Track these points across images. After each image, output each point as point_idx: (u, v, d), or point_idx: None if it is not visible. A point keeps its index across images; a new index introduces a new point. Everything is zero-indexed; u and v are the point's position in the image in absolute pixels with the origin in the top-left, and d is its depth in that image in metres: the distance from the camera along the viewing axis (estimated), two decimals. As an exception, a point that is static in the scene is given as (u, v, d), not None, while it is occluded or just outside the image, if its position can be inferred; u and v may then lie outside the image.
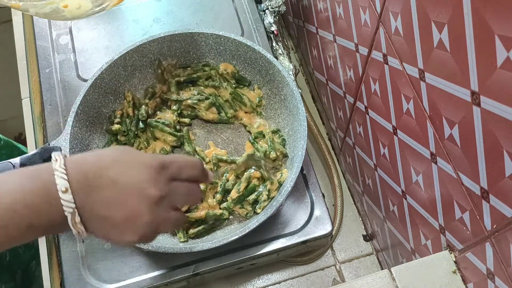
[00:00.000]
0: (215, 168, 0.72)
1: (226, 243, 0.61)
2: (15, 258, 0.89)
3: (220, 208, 0.68)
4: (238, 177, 0.70)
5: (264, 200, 0.66)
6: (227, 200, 0.69)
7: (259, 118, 0.77)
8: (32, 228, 0.42)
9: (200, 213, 0.67)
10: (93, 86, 0.73)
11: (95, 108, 0.74)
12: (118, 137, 0.74)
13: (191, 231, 0.67)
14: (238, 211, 0.68)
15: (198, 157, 0.71)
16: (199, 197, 0.54)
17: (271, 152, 0.70)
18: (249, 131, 0.77)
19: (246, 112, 0.77)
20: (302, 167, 0.70)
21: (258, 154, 0.71)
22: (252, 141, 0.74)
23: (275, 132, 0.74)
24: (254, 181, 0.68)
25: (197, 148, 0.74)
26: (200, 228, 0.67)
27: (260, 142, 0.73)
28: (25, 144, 0.83)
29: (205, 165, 0.53)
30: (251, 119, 0.77)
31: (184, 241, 0.66)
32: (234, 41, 0.76)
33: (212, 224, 0.68)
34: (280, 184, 0.68)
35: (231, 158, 0.72)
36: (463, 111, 0.42)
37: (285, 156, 0.72)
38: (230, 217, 0.69)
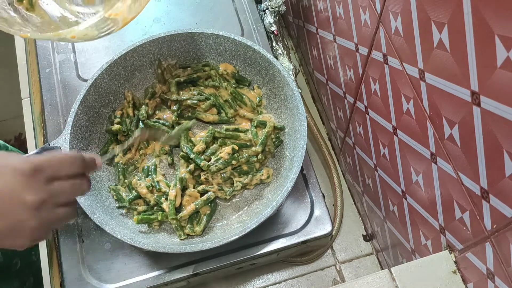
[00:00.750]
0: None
1: (226, 243, 0.61)
2: (27, 265, 0.89)
3: (198, 192, 0.69)
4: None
5: (238, 190, 0.70)
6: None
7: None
8: None
9: (189, 207, 0.67)
10: (93, 86, 0.73)
11: (95, 108, 0.74)
12: (118, 137, 0.74)
13: (197, 228, 0.67)
14: (214, 183, 0.70)
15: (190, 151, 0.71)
16: (85, 188, 0.52)
17: (258, 146, 0.71)
18: (251, 119, 0.76)
19: (246, 112, 0.77)
20: (302, 167, 0.70)
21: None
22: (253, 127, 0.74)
23: (278, 128, 0.74)
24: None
25: (192, 139, 0.74)
26: (204, 221, 0.67)
27: (260, 132, 0.74)
28: (25, 144, 0.83)
29: (86, 155, 0.53)
30: (251, 118, 0.77)
31: (184, 239, 0.66)
32: (234, 41, 0.76)
33: (211, 212, 0.69)
34: (261, 182, 0.71)
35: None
36: (463, 111, 0.42)
37: (271, 154, 0.74)
38: (218, 194, 0.70)
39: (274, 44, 0.85)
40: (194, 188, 0.70)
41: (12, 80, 1.06)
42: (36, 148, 0.75)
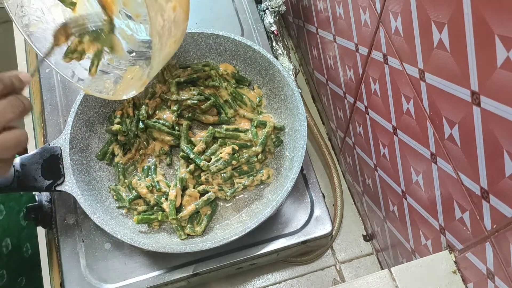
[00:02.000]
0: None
1: (226, 243, 0.61)
2: (32, 283, 0.88)
3: (198, 192, 0.69)
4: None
5: (238, 189, 0.70)
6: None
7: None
8: None
9: (189, 208, 0.67)
10: (93, 86, 0.73)
11: (95, 108, 0.74)
12: (118, 137, 0.74)
13: (198, 228, 0.67)
14: (214, 183, 0.70)
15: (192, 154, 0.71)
16: (19, 105, 0.49)
17: (258, 147, 0.71)
18: (251, 119, 0.76)
19: (246, 112, 0.77)
20: (302, 167, 0.70)
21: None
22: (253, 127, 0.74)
23: (278, 128, 0.74)
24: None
25: (192, 139, 0.74)
26: (205, 222, 0.67)
27: (260, 132, 0.73)
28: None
29: (18, 74, 0.50)
30: (251, 118, 0.77)
31: (184, 239, 0.66)
32: (234, 41, 0.76)
33: (211, 212, 0.69)
34: (262, 182, 0.71)
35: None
36: (463, 111, 0.42)
37: (271, 154, 0.73)
38: (218, 195, 0.70)
39: (274, 44, 0.85)
40: (194, 188, 0.70)
41: (12, 80, 1.05)
42: (36, 148, 0.75)
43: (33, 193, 0.75)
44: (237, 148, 0.71)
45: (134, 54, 0.69)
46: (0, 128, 0.46)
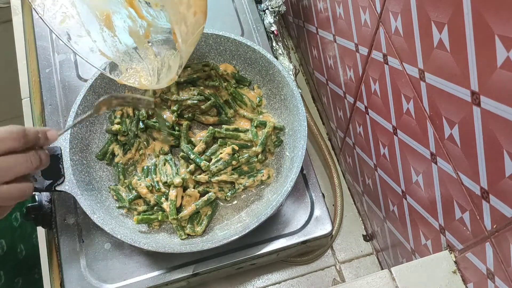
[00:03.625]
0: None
1: (226, 243, 0.61)
2: (29, 284, 0.88)
3: (199, 192, 0.69)
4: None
5: (238, 190, 0.70)
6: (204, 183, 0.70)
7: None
8: None
9: (189, 208, 0.67)
10: (93, 86, 0.73)
11: (95, 108, 0.74)
12: (118, 137, 0.74)
13: (198, 229, 0.67)
14: (215, 185, 0.70)
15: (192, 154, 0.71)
16: (36, 162, 0.50)
17: (258, 147, 0.70)
18: (251, 119, 0.76)
19: (246, 112, 0.77)
20: (302, 167, 0.70)
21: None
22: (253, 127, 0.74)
23: (277, 128, 0.74)
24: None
25: (192, 139, 0.74)
26: (205, 222, 0.67)
27: (260, 132, 0.73)
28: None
29: (32, 129, 0.50)
30: (251, 118, 0.77)
31: (184, 239, 0.66)
32: (234, 41, 0.76)
33: (212, 213, 0.69)
34: (262, 182, 0.71)
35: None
36: (463, 111, 0.42)
37: (271, 154, 0.73)
38: (219, 195, 0.70)
39: (274, 44, 0.85)
40: (194, 188, 0.70)
41: (12, 80, 1.06)
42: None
43: (33, 193, 0.75)
44: (237, 148, 0.71)
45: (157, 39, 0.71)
46: (9, 179, 0.48)
